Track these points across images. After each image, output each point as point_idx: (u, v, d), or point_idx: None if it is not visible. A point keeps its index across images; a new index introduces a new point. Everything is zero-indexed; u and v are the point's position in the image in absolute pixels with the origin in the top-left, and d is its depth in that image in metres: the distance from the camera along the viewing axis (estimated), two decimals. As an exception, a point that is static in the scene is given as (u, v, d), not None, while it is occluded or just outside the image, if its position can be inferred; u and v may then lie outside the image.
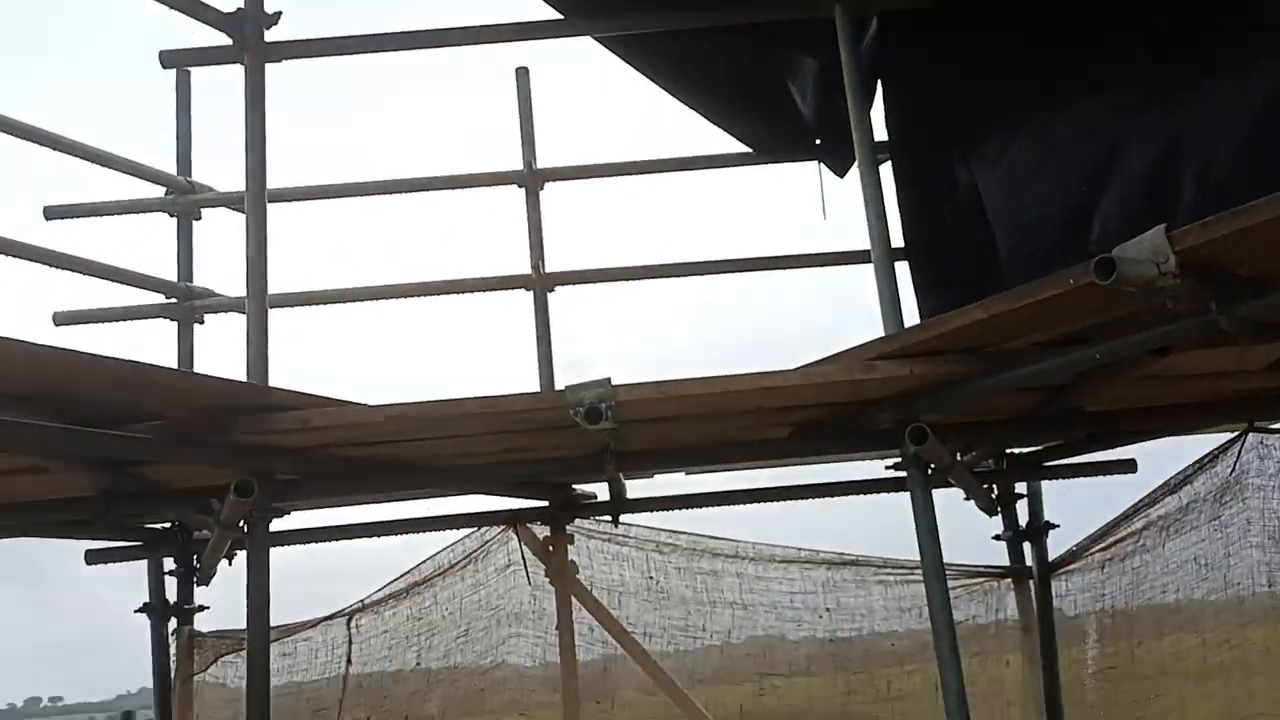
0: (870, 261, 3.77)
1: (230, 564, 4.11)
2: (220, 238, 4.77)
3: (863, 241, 3.84)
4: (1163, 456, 4.38)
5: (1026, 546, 4.66)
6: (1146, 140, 3.61)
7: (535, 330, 4.57)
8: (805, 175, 4.88)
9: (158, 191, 4.73)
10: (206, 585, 4.39)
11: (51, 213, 4.65)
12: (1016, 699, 4.50)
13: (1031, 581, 4.62)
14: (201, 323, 4.64)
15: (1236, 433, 4.17)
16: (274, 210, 3.76)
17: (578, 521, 4.45)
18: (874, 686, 4.44)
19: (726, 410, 3.41)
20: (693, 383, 3.15)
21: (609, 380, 3.13)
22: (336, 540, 4.27)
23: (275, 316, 4.58)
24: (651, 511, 4.40)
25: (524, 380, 4.48)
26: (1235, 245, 2.45)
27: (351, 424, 3.18)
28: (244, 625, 3.37)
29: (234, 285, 4.59)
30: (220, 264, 4.77)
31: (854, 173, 4.33)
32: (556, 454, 3.76)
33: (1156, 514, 4.35)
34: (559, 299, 4.63)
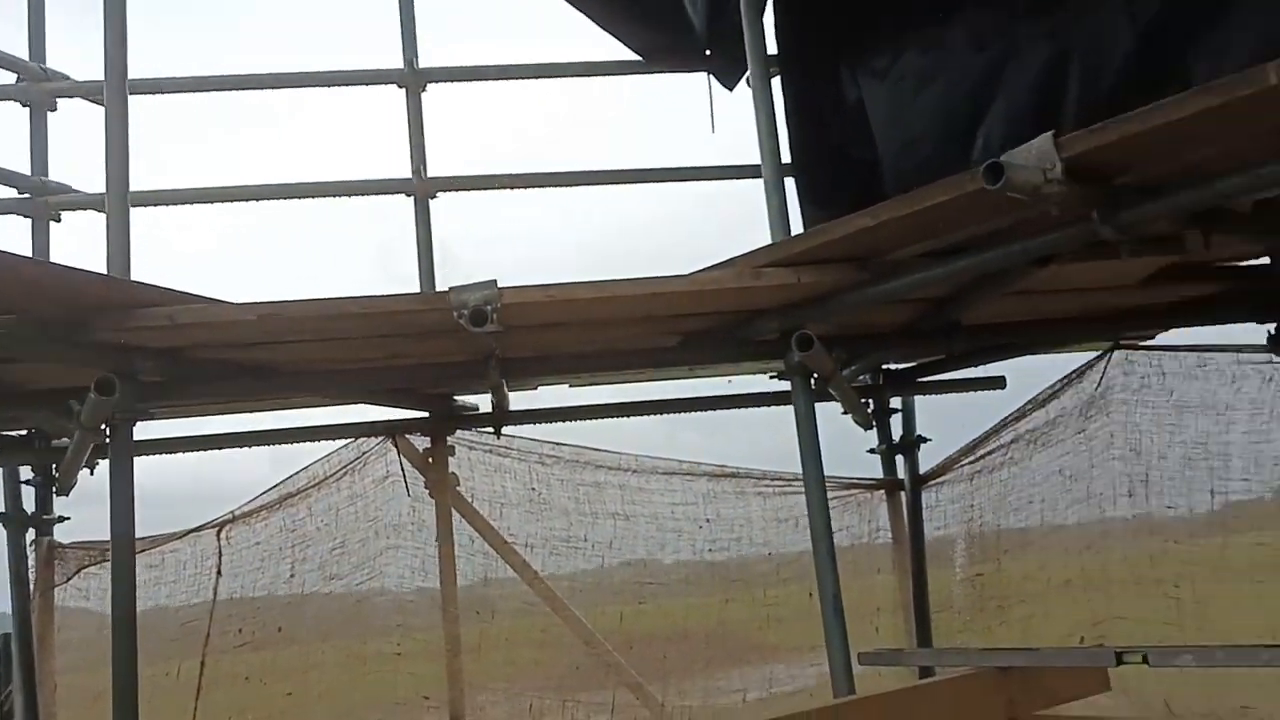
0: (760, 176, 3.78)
1: (92, 474, 3.94)
2: (78, 130, 4.47)
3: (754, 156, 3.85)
4: (1031, 373, 4.53)
5: (899, 460, 4.79)
6: (1033, 54, 3.65)
7: (416, 237, 4.42)
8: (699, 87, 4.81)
9: (9, 79, 4.40)
10: (66, 495, 4.18)
11: (-113, 97, 4.28)
12: (887, 606, 4.64)
13: (903, 493, 4.76)
14: (58, 220, 4.36)
15: (1103, 349, 4.32)
16: (135, 102, 3.53)
17: (459, 433, 4.38)
18: (750, 594, 4.53)
19: (614, 317, 3.37)
20: (581, 287, 3.10)
21: (495, 282, 3.06)
22: (204, 450, 4.11)
23: (135, 216, 4.37)
24: (535, 424, 4.36)
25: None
26: (1120, 152, 2.50)
27: (221, 322, 3.04)
28: (105, 538, 3.24)
29: (92, 181, 4.33)
30: (79, 158, 4.48)
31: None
32: (439, 360, 3.68)
33: (1025, 428, 4.50)
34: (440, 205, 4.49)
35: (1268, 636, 3.36)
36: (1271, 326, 3.89)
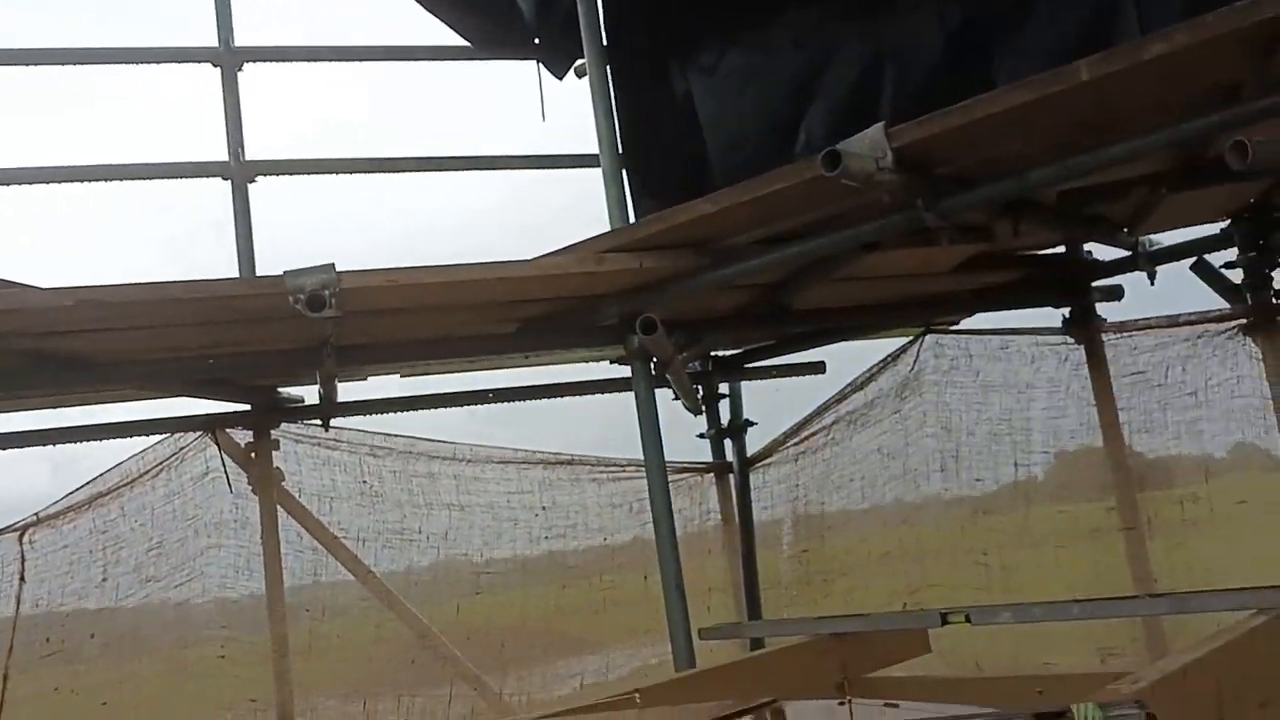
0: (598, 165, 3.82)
1: None
2: None
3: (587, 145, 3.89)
4: (849, 359, 4.75)
5: (728, 443, 4.92)
6: (851, 54, 3.82)
7: (235, 222, 4.23)
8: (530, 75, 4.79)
9: None
10: None
11: None
12: (718, 585, 4.76)
13: (732, 475, 4.89)
14: None
15: (915, 334, 4.57)
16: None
17: (284, 426, 4.22)
18: (587, 579, 4.56)
19: (455, 303, 3.34)
20: (424, 271, 3.06)
21: (333, 266, 2.98)
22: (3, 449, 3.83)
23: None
24: (365, 415, 4.24)
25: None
26: (945, 144, 2.66)
27: (33, 309, 2.84)
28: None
29: None
30: None
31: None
32: (267, 348, 3.55)
33: (845, 410, 4.71)
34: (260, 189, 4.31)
35: (1069, 596, 3.64)
36: (1066, 310, 4.21)
